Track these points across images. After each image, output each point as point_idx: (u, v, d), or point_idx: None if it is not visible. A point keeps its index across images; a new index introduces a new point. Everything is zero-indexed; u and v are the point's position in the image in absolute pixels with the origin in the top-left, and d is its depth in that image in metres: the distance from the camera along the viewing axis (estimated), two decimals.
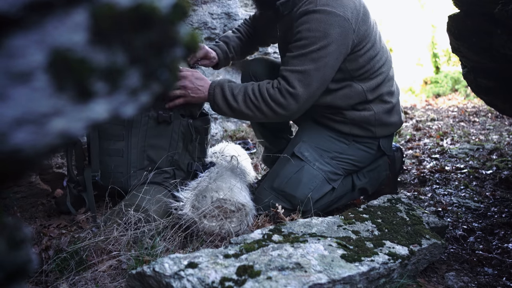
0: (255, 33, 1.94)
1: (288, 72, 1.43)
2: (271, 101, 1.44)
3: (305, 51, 1.41)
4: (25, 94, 0.28)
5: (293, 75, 1.42)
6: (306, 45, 1.41)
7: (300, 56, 1.42)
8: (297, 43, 1.44)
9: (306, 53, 1.41)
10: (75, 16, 0.29)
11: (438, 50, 7.61)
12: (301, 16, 1.44)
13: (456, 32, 1.77)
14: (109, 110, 0.32)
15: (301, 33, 1.43)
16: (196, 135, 1.68)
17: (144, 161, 1.61)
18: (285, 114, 1.46)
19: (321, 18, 1.40)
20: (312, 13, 1.42)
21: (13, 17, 0.27)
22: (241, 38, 1.91)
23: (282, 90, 1.42)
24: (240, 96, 1.48)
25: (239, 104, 1.47)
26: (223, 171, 1.54)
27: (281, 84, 1.43)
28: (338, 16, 1.41)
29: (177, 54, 0.35)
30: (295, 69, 1.42)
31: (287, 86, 1.42)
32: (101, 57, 0.30)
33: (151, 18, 0.32)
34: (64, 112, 0.29)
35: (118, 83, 0.32)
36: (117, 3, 0.30)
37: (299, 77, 1.41)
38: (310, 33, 1.41)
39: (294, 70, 1.42)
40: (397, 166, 1.85)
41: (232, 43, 1.86)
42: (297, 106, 1.44)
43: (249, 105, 1.47)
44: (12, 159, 0.28)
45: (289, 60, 1.44)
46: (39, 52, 0.28)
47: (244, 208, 1.37)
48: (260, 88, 1.46)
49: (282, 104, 1.43)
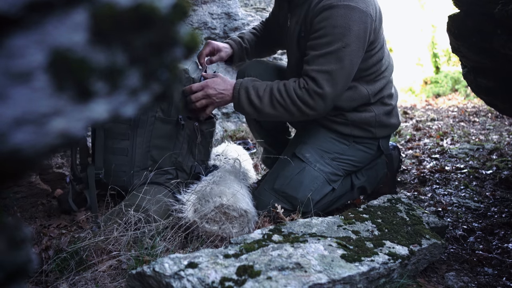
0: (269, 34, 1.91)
1: (315, 73, 1.40)
2: (299, 101, 1.42)
3: (331, 49, 1.39)
4: (25, 94, 0.28)
5: (320, 75, 1.40)
6: (331, 43, 1.39)
7: (326, 54, 1.39)
8: (321, 39, 1.41)
9: (332, 51, 1.39)
10: (75, 16, 0.29)
11: (438, 50, 7.61)
12: (324, 10, 1.41)
13: (456, 32, 1.77)
14: (109, 110, 0.32)
15: (325, 29, 1.39)
16: (201, 137, 1.69)
17: (148, 161, 1.62)
18: (313, 114, 1.45)
19: (345, 14, 1.38)
20: (335, 8, 1.38)
21: (13, 17, 0.27)
22: (256, 33, 1.88)
23: (310, 91, 1.41)
24: (266, 97, 1.46)
25: (265, 105, 1.46)
26: (226, 175, 1.54)
27: (309, 85, 1.41)
28: (361, 12, 1.39)
29: (177, 54, 0.35)
30: (322, 69, 1.39)
31: (315, 87, 1.40)
32: (101, 57, 0.30)
33: (151, 18, 0.32)
34: (64, 112, 0.29)
35: (118, 83, 0.32)
36: (117, 3, 0.30)
37: (326, 77, 1.39)
38: (334, 30, 1.38)
39: (321, 70, 1.40)
40: (395, 165, 1.85)
41: (246, 36, 1.83)
42: (324, 106, 1.43)
43: (276, 105, 1.45)
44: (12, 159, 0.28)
45: (315, 59, 1.41)
46: (39, 52, 0.28)
47: (246, 214, 1.37)
48: (287, 89, 1.44)
49: (310, 104, 1.42)
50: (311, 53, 1.43)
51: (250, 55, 1.87)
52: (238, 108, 1.52)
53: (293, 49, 1.61)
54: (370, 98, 1.59)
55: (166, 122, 1.62)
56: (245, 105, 1.49)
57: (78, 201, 1.62)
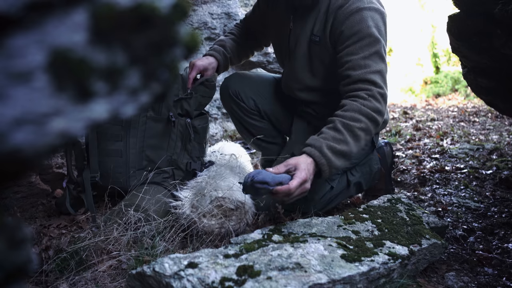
0: (248, 35, 1.89)
1: (370, 75, 1.37)
2: (374, 113, 1.33)
3: (374, 49, 1.39)
4: (25, 94, 0.28)
5: (376, 76, 1.37)
6: (372, 44, 1.39)
7: (372, 55, 1.39)
8: (361, 42, 1.39)
9: (376, 51, 1.39)
10: (75, 16, 0.29)
11: (438, 50, 7.61)
12: (353, 14, 1.41)
13: (456, 32, 1.77)
14: (109, 110, 0.32)
15: (361, 32, 1.39)
16: (195, 134, 1.68)
17: (143, 161, 1.62)
18: (381, 120, 1.36)
19: (373, 16, 1.42)
20: (365, 10, 1.41)
21: (13, 17, 0.27)
22: (235, 39, 1.85)
23: (376, 95, 1.35)
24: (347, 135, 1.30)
25: (350, 144, 1.30)
26: (222, 170, 1.54)
27: (372, 90, 1.35)
28: (382, 13, 1.46)
29: (177, 54, 0.35)
30: (375, 70, 1.38)
31: (378, 89, 1.36)
32: (101, 57, 0.30)
33: (151, 18, 0.32)
34: (64, 112, 0.29)
35: (118, 83, 0.32)
36: (117, 3, 0.30)
37: (380, 77, 1.39)
38: (370, 30, 1.40)
39: (375, 71, 1.38)
40: (388, 160, 1.86)
41: (228, 45, 1.81)
42: (386, 106, 1.41)
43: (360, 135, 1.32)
44: (12, 159, 0.28)
45: (361, 62, 1.38)
46: (39, 52, 0.28)
47: (243, 206, 1.37)
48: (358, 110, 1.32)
49: (380, 110, 1.35)
50: (354, 57, 1.39)
51: (233, 63, 1.85)
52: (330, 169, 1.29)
53: (299, 53, 1.58)
54: None
55: (157, 120, 1.62)
56: (336, 162, 1.28)
57: (76, 204, 1.63)
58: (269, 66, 3.12)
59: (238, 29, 1.91)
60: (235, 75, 1.83)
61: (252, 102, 1.80)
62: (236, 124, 1.93)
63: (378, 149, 1.83)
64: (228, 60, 1.80)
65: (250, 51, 1.95)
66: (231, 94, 1.79)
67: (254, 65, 3.10)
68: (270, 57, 3.09)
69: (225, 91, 1.80)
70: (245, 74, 1.85)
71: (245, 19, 1.92)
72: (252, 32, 1.89)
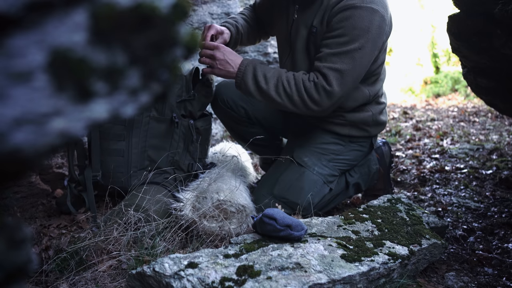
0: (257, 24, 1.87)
1: (327, 69, 1.39)
2: (305, 93, 1.40)
3: (346, 49, 1.38)
4: (25, 94, 0.28)
5: (332, 72, 1.38)
6: (348, 43, 1.38)
7: (341, 54, 1.38)
8: (338, 39, 1.39)
9: (347, 51, 1.38)
10: (75, 16, 0.29)
11: (438, 50, 7.61)
12: (345, 10, 1.39)
13: (456, 32, 1.77)
14: (109, 110, 0.32)
15: (344, 28, 1.38)
16: (197, 135, 1.68)
17: (145, 161, 1.62)
18: (316, 110, 1.43)
19: (366, 16, 1.37)
20: (358, 9, 1.37)
21: (13, 17, 0.27)
22: (247, 20, 1.83)
23: (318, 86, 1.39)
24: (273, 80, 1.43)
25: (270, 87, 1.43)
26: (224, 172, 1.54)
27: (319, 79, 1.40)
28: (381, 16, 1.39)
29: (177, 54, 0.35)
30: (334, 67, 1.38)
31: (324, 83, 1.39)
32: (101, 57, 0.30)
33: (151, 18, 0.32)
34: (64, 112, 0.29)
35: (118, 83, 0.32)
36: (117, 3, 0.30)
37: (337, 76, 1.38)
38: (353, 31, 1.37)
39: (333, 68, 1.38)
40: (386, 160, 1.87)
41: (240, 22, 1.78)
42: (329, 104, 1.42)
43: (280, 91, 1.42)
44: (12, 159, 0.28)
45: (328, 56, 1.40)
46: (39, 52, 0.28)
47: (244, 209, 1.37)
48: (296, 78, 1.42)
49: (316, 99, 1.40)
50: (325, 51, 1.41)
51: (242, 42, 1.82)
52: (241, 84, 1.46)
53: (299, 44, 1.57)
54: (369, 99, 1.60)
55: (160, 121, 1.62)
56: (249, 82, 1.44)
57: (76, 203, 1.62)
58: None
59: (249, 12, 1.88)
60: (224, 84, 1.81)
61: (242, 111, 1.79)
62: (230, 131, 1.93)
63: (377, 149, 1.84)
64: (240, 35, 1.77)
65: (258, 36, 1.92)
66: (220, 103, 1.78)
67: None
68: (270, 57, 3.09)
69: (215, 101, 1.79)
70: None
71: (254, 8, 1.89)
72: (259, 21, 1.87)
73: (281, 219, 1.07)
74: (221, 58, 1.47)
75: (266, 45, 3.01)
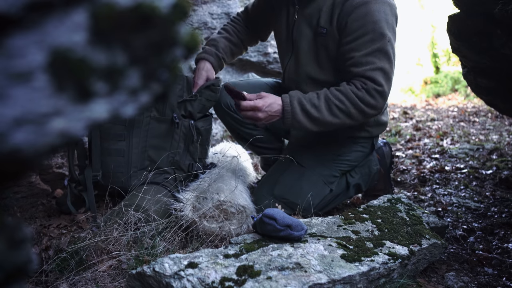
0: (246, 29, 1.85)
1: (371, 72, 1.38)
2: (361, 103, 1.37)
3: (377, 46, 1.37)
4: (25, 94, 0.28)
5: (376, 73, 1.37)
6: (375, 40, 1.37)
7: (375, 52, 1.38)
8: (363, 38, 1.38)
9: (379, 48, 1.38)
10: (75, 16, 0.29)
11: (438, 50, 7.61)
12: (358, 7, 1.38)
13: (456, 32, 1.77)
14: (109, 110, 0.32)
15: (365, 27, 1.38)
16: (198, 136, 1.68)
17: (145, 161, 1.62)
18: (374, 114, 1.42)
19: (380, 9, 1.38)
20: (371, 3, 1.37)
21: (13, 17, 0.27)
22: (228, 38, 1.80)
23: (371, 90, 1.37)
24: (323, 105, 1.38)
25: (324, 114, 1.38)
26: (224, 172, 1.54)
27: (368, 84, 1.38)
28: (391, 5, 1.41)
29: (177, 54, 0.35)
30: (376, 67, 1.38)
31: (375, 85, 1.37)
32: (101, 57, 0.30)
33: (151, 18, 0.32)
34: (64, 112, 0.29)
35: (118, 83, 0.32)
36: (117, 3, 0.30)
37: (382, 74, 1.38)
38: (375, 25, 1.37)
39: (376, 68, 1.38)
40: (387, 161, 1.86)
41: (220, 45, 1.76)
42: (383, 103, 1.42)
43: (335, 112, 1.38)
44: (12, 159, 0.28)
45: (363, 58, 1.39)
46: (39, 52, 0.28)
47: (244, 210, 1.36)
48: (345, 92, 1.38)
49: (372, 104, 1.38)
50: (356, 54, 1.40)
51: (226, 62, 1.82)
52: (293, 121, 1.40)
53: (303, 45, 1.56)
54: None
55: (161, 121, 1.61)
56: (300, 118, 1.39)
57: (76, 203, 1.62)
58: (269, 66, 3.12)
59: (233, 25, 1.86)
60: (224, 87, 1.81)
61: None
62: (232, 133, 1.92)
63: (377, 150, 1.83)
64: (221, 60, 1.77)
65: (244, 47, 1.90)
66: (223, 106, 1.77)
67: (254, 65, 3.09)
68: (270, 57, 3.09)
69: (218, 103, 1.78)
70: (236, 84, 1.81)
71: (245, 12, 1.87)
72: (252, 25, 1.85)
73: (281, 219, 1.07)
74: (264, 116, 1.40)
75: (266, 45, 3.01)
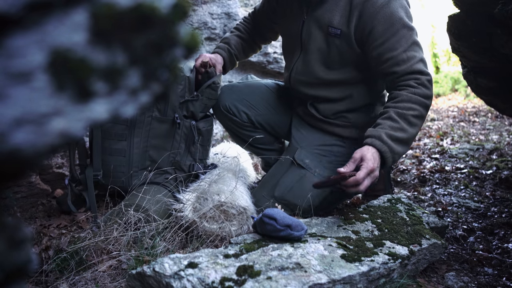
0: (256, 29, 1.88)
1: (416, 65, 1.42)
2: (425, 99, 1.40)
3: (411, 40, 1.42)
4: (25, 94, 0.28)
5: (420, 64, 1.43)
6: (407, 35, 1.42)
7: (411, 46, 1.42)
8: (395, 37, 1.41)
9: (413, 42, 1.42)
10: (75, 16, 0.29)
11: (438, 50, 7.61)
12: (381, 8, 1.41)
13: (456, 32, 1.77)
14: (109, 110, 0.32)
15: (393, 26, 1.41)
16: (199, 136, 1.68)
17: (146, 161, 1.62)
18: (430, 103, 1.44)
19: (401, 4, 1.43)
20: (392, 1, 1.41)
21: (13, 17, 0.27)
22: (240, 36, 1.85)
23: (425, 82, 1.41)
24: (403, 123, 1.37)
25: (408, 130, 1.37)
26: (225, 173, 1.54)
27: (420, 79, 1.41)
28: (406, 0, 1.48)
29: (177, 54, 0.35)
30: (418, 59, 1.42)
31: (426, 76, 1.42)
32: (101, 57, 0.30)
33: (151, 18, 0.32)
34: (64, 112, 0.29)
35: (118, 83, 0.32)
36: (117, 3, 0.30)
37: (423, 64, 1.44)
38: (402, 21, 1.41)
39: (419, 60, 1.43)
40: None
41: (232, 42, 1.81)
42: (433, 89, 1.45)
43: (414, 121, 1.38)
44: (12, 159, 0.28)
45: (401, 55, 1.42)
46: (39, 52, 0.28)
47: (245, 211, 1.36)
48: (410, 99, 1.38)
49: (430, 95, 1.42)
50: (392, 54, 1.42)
51: (238, 60, 1.86)
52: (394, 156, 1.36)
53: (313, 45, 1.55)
54: (378, 95, 1.61)
55: (162, 121, 1.61)
56: (396, 148, 1.35)
57: (77, 202, 1.62)
58: (269, 66, 3.12)
59: (244, 24, 1.90)
60: (225, 89, 1.80)
61: (244, 115, 1.78)
62: (232, 136, 1.93)
63: None
64: (234, 57, 1.81)
65: (257, 46, 1.95)
66: (222, 109, 1.78)
67: (254, 65, 3.09)
68: (270, 57, 3.09)
69: (217, 107, 1.79)
70: (235, 87, 1.82)
71: (254, 12, 1.90)
72: (260, 26, 1.87)
73: (281, 219, 1.07)
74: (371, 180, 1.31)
75: (266, 45, 3.01)
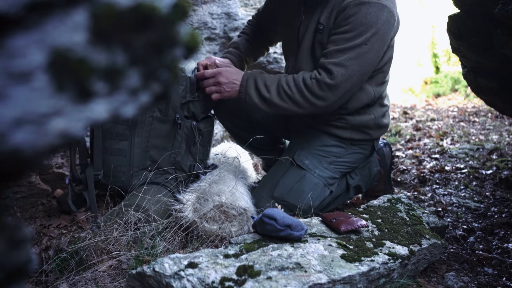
0: (261, 32, 1.89)
1: (331, 65, 1.38)
2: (307, 92, 1.40)
3: (352, 44, 1.37)
4: (25, 94, 0.28)
5: (337, 68, 1.38)
6: (353, 38, 1.37)
7: (346, 49, 1.38)
8: (345, 35, 1.39)
9: (352, 46, 1.37)
10: (75, 16, 0.29)
11: (438, 50, 7.61)
12: (354, 6, 1.38)
13: (456, 32, 1.77)
14: (109, 110, 0.32)
15: (351, 24, 1.38)
16: (200, 137, 1.68)
17: (147, 161, 1.62)
18: (321, 105, 1.42)
19: (375, 12, 1.36)
20: (366, 5, 1.37)
21: (13, 17, 0.27)
22: (248, 39, 1.86)
23: (321, 81, 1.39)
24: (273, 86, 1.44)
25: (272, 95, 1.44)
26: (225, 173, 1.54)
27: (322, 75, 1.39)
28: (390, 12, 1.39)
29: (177, 54, 0.35)
30: (338, 62, 1.38)
31: (327, 79, 1.38)
32: (101, 57, 0.30)
33: (151, 18, 0.32)
34: (64, 112, 0.29)
35: (118, 83, 0.32)
36: (117, 3, 0.30)
37: (342, 71, 1.37)
38: (360, 27, 1.37)
39: (337, 63, 1.38)
40: (387, 162, 1.86)
41: (241, 46, 1.81)
42: (335, 98, 1.41)
43: (283, 96, 1.43)
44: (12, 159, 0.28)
45: (334, 53, 1.40)
46: (39, 52, 0.28)
47: (245, 212, 1.36)
48: (295, 79, 1.43)
49: (319, 95, 1.40)
50: (332, 47, 1.41)
51: (248, 62, 1.87)
52: (246, 97, 1.48)
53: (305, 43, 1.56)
54: (374, 100, 1.59)
55: (163, 121, 1.61)
56: (253, 95, 1.47)
57: (77, 202, 1.62)
58: (269, 66, 3.12)
59: (250, 27, 1.91)
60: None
61: (245, 117, 1.79)
62: (232, 135, 1.94)
63: (378, 151, 1.82)
64: (243, 60, 1.82)
65: (265, 48, 1.96)
66: (223, 110, 1.79)
67: (254, 65, 3.09)
68: (270, 57, 3.09)
69: (218, 108, 1.79)
70: None
71: (257, 15, 1.91)
72: (264, 28, 1.88)
73: (281, 219, 1.07)
74: (226, 81, 1.49)
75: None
